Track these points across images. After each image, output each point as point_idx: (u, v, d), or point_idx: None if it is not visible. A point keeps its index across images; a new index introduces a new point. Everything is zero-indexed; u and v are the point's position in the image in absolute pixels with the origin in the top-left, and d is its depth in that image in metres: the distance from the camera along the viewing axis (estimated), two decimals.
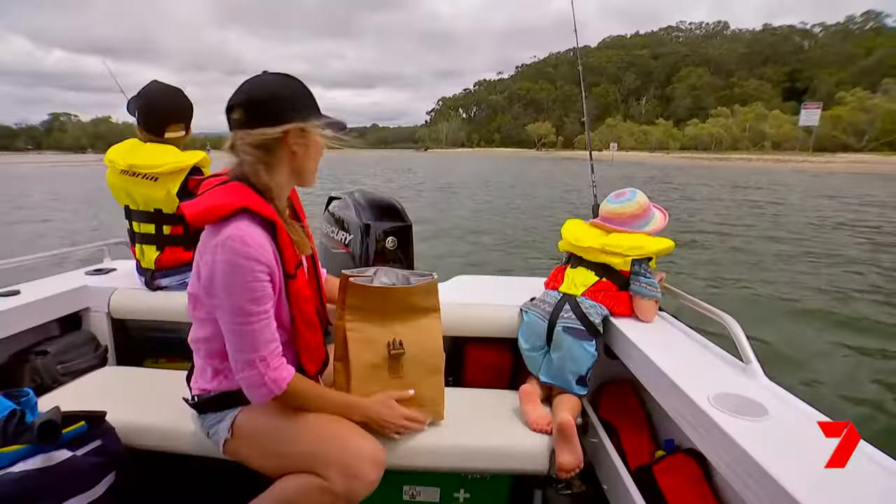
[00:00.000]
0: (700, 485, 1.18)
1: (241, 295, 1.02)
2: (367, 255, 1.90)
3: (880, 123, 54.65)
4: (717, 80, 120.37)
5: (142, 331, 1.94)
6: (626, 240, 1.56)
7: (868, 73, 77.32)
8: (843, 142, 58.21)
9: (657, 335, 1.45)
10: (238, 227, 1.02)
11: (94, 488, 1.17)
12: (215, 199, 1.05)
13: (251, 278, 1.02)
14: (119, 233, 2.07)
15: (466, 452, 1.29)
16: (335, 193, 2.23)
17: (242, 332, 1.04)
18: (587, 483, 1.63)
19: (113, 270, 2.08)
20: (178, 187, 1.70)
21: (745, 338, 1.23)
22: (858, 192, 18.83)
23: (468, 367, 1.78)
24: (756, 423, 0.96)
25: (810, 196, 17.28)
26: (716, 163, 50.34)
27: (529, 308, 1.63)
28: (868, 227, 10.39)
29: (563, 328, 1.50)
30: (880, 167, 36.64)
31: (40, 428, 1.08)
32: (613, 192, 1.69)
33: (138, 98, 1.76)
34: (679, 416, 1.15)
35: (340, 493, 1.04)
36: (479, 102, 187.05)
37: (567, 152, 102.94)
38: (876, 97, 56.39)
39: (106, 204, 13.96)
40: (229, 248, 1.00)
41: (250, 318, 1.03)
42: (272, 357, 1.06)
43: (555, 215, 11.40)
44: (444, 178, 26.75)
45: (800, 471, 0.80)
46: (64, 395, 1.53)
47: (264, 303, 1.05)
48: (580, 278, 1.61)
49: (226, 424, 1.17)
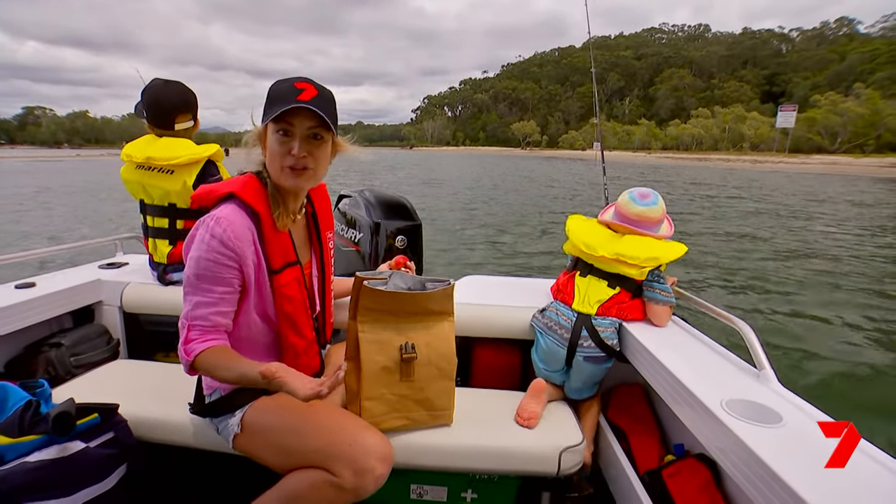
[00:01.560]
0: (710, 490, 1.16)
1: (194, 266, 1.06)
2: (376, 254, 1.91)
3: (852, 126, 56.55)
4: (698, 82, 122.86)
5: (153, 325, 1.93)
6: (642, 249, 1.49)
7: (841, 77, 79.87)
8: (817, 144, 60.04)
9: (669, 340, 1.44)
10: (221, 210, 1.07)
11: (106, 480, 1.19)
12: (215, 185, 1.15)
13: (210, 256, 1.05)
14: (93, 230, 2.19)
15: (474, 453, 1.29)
16: (345, 191, 2.27)
17: (186, 299, 1.09)
18: (595, 486, 1.64)
19: (125, 265, 2.10)
20: (193, 179, 1.72)
21: (759, 343, 1.22)
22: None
23: (477, 368, 1.77)
24: (771, 430, 0.95)
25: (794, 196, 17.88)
26: (696, 163, 51.47)
27: (544, 330, 1.58)
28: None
29: (584, 357, 1.49)
30: (851, 168, 38.00)
31: (55, 419, 1.09)
32: (636, 192, 1.59)
33: (143, 97, 1.79)
34: (691, 421, 1.14)
35: (349, 488, 1.04)
36: (464, 101, 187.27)
37: (551, 151, 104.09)
38: (848, 101, 58.28)
39: (86, 199, 13.91)
40: (205, 224, 1.06)
41: (193, 289, 1.07)
42: (193, 329, 1.08)
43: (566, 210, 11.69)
44: (435, 176, 26.81)
45: (816, 478, 0.79)
46: (77, 386, 1.55)
47: (212, 283, 1.07)
48: (594, 293, 1.56)
49: (235, 420, 1.18)
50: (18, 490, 1.03)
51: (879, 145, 53.69)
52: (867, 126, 54.67)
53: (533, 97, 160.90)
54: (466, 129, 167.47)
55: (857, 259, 7.38)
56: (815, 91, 74.22)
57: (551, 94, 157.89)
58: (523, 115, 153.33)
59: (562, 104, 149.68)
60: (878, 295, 5.56)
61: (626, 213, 1.57)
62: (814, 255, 7.57)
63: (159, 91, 1.78)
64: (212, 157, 1.76)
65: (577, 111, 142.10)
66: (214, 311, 1.09)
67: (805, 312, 4.92)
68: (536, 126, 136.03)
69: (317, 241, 1.30)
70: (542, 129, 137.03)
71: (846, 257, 7.49)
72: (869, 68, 74.82)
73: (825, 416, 1.01)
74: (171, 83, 1.80)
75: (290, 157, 1.06)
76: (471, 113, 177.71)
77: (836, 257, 7.49)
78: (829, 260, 7.31)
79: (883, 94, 55.03)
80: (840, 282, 6.11)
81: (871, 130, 54.63)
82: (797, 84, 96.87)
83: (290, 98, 1.03)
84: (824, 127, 59.47)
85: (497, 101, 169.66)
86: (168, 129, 1.79)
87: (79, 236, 8.40)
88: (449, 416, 1.32)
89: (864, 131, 55.50)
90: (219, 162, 1.80)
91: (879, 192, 20.93)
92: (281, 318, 1.17)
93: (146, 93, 1.78)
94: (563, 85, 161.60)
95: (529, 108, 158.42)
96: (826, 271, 6.62)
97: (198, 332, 1.08)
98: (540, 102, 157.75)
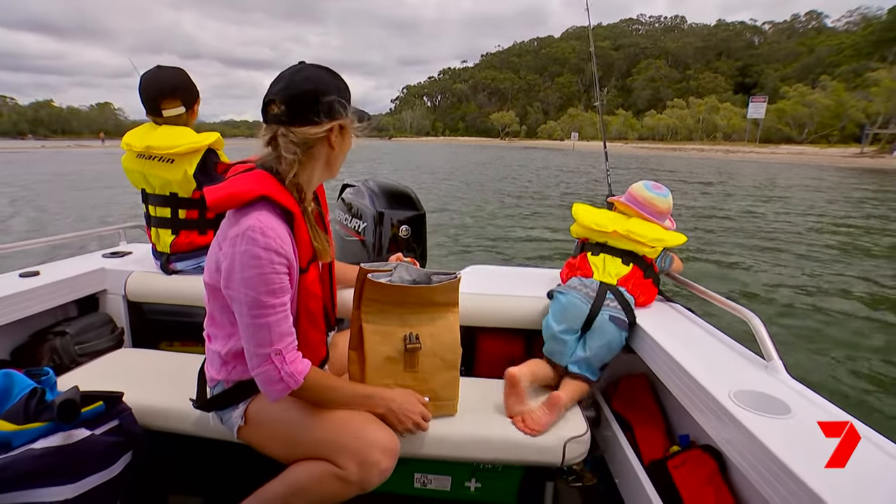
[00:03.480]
0: (716, 482, 1.16)
1: (259, 286, 0.99)
2: (380, 243, 1.90)
3: (819, 117, 58.47)
4: (674, 73, 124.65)
5: (157, 314, 1.93)
6: (648, 230, 1.57)
7: (809, 69, 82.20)
8: (786, 134, 61.92)
9: (676, 330, 1.44)
10: (258, 218, 1.00)
11: (112, 467, 1.19)
12: (237, 186, 1.04)
13: (269, 270, 1.00)
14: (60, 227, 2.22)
15: (479, 442, 1.28)
16: (349, 181, 2.25)
17: (258, 325, 1.01)
18: (599, 476, 1.63)
19: (129, 254, 2.11)
20: (194, 168, 1.69)
21: (767, 334, 1.21)
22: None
23: (480, 357, 1.77)
24: (779, 421, 0.94)
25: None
26: (671, 153, 52.55)
27: (567, 290, 1.55)
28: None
29: (610, 317, 1.46)
30: (817, 158, 39.40)
31: (60, 406, 1.10)
32: (651, 183, 1.68)
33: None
34: (698, 412, 1.13)
35: (354, 480, 1.04)
36: (443, 91, 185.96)
37: (530, 141, 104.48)
38: (815, 93, 60.15)
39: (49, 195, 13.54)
40: (249, 238, 0.99)
41: (266, 310, 1.01)
42: (288, 351, 1.04)
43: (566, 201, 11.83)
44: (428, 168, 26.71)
45: (825, 469, 0.79)
46: (82, 375, 1.55)
47: (281, 295, 1.03)
48: (611, 267, 1.58)
49: (239, 411, 1.17)
50: (24, 476, 1.04)
51: (844, 136, 55.74)
52: (833, 117, 56.65)
53: (512, 87, 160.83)
54: (446, 120, 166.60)
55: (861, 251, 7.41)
56: (785, 83, 76.28)
57: (530, 85, 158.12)
58: (502, 105, 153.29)
59: (541, 94, 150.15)
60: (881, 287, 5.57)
61: (637, 195, 1.67)
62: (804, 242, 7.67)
63: (149, 75, 1.74)
64: (212, 146, 1.73)
65: (556, 101, 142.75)
66: (290, 322, 1.06)
67: (812, 302, 4.92)
68: (515, 116, 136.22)
69: (322, 229, 1.29)
70: (521, 120, 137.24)
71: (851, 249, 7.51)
72: (835, 61, 77.23)
73: (835, 408, 1.00)
74: (164, 68, 1.76)
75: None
76: (450, 103, 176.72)
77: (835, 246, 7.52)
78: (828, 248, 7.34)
79: (847, 87, 56.97)
80: (847, 271, 6.18)
81: (836, 121, 56.62)
82: (769, 76, 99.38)
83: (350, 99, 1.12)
84: (793, 118, 61.34)
85: (476, 91, 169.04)
86: (157, 115, 1.75)
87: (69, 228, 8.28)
88: (453, 407, 1.32)
89: (829, 122, 57.49)
90: (219, 150, 1.76)
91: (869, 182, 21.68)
92: (303, 314, 1.14)
93: (140, 81, 1.76)
94: (541, 75, 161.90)
95: (509, 98, 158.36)
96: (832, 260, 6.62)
97: (293, 351, 1.06)
98: (519, 93, 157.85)
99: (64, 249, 2.42)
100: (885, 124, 46.76)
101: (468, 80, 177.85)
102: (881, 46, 64.04)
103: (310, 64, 1.09)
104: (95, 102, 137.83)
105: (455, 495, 1.44)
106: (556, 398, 1.33)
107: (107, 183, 15.37)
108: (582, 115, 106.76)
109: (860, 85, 53.41)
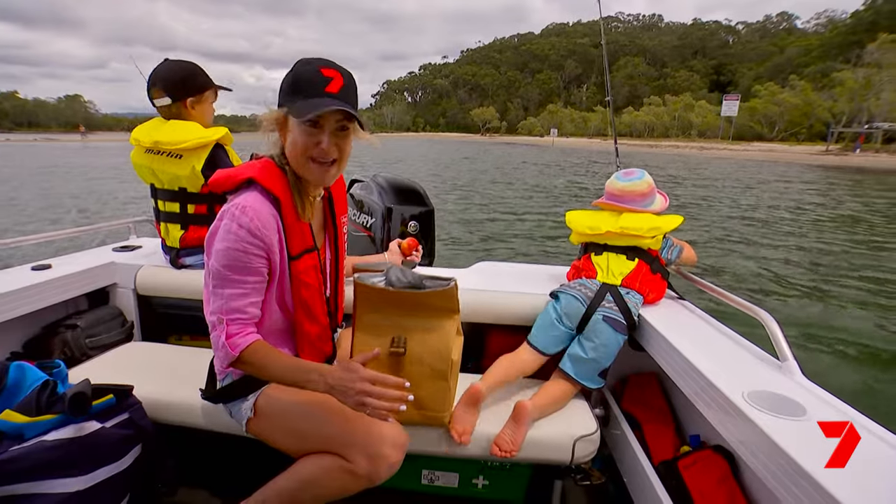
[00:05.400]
0: (728, 483, 1.15)
1: (224, 259, 1.03)
2: (388, 239, 1.90)
3: (788, 116, 60.45)
4: (651, 71, 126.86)
5: (166, 308, 1.94)
6: (640, 221, 1.55)
7: (780, 69, 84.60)
8: (757, 132, 63.82)
9: (687, 328, 1.42)
10: (245, 198, 1.05)
11: (122, 460, 1.20)
12: (235, 170, 1.11)
13: (238, 247, 1.03)
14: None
15: (487, 440, 1.26)
16: (357, 176, 2.29)
17: (216, 294, 1.06)
18: (607, 475, 1.62)
19: (139, 248, 2.12)
20: (202, 163, 1.68)
21: (781, 334, 1.19)
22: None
23: (489, 354, 1.75)
24: (794, 423, 0.93)
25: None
26: (647, 149, 53.65)
27: (565, 289, 1.55)
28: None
29: (603, 317, 1.44)
30: (786, 155, 40.83)
31: (72, 399, 1.11)
32: (621, 172, 1.67)
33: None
34: (710, 412, 1.12)
35: (363, 474, 1.05)
36: (424, 86, 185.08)
37: (510, 137, 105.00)
38: (784, 92, 62.13)
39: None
40: (230, 214, 1.04)
41: (225, 282, 1.05)
42: (232, 324, 1.06)
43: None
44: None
45: (842, 471, 0.77)
46: (92, 367, 1.57)
47: (244, 273, 1.05)
48: (615, 265, 1.56)
49: (248, 404, 1.18)
50: (37, 468, 1.05)
51: (811, 134, 57.78)
52: (801, 116, 58.55)
53: (492, 83, 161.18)
54: (426, 115, 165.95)
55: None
56: (757, 82, 78.46)
57: (510, 81, 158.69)
58: (483, 101, 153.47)
59: (521, 90, 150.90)
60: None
61: (613, 190, 1.64)
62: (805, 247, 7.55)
63: (155, 67, 1.76)
64: (220, 141, 1.73)
65: (536, 98, 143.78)
66: (249, 301, 1.08)
67: (827, 301, 4.88)
68: (496, 112, 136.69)
69: (331, 226, 1.30)
70: (502, 116, 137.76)
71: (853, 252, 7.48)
72: (804, 62, 79.71)
73: (850, 409, 0.99)
74: (169, 61, 1.76)
75: (318, 149, 1.06)
76: (431, 98, 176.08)
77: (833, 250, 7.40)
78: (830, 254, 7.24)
79: (814, 87, 58.91)
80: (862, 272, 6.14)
81: (804, 120, 58.57)
82: (742, 74, 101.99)
83: (319, 89, 1.02)
84: (764, 116, 63.22)
85: (457, 87, 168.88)
86: (153, 105, 1.77)
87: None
88: (442, 419, 1.25)
89: (798, 121, 59.45)
90: (228, 146, 1.77)
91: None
92: (297, 305, 1.16)
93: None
94: (522, 71, 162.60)
95: (489, 94, 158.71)
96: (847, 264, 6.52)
97: (238, 325, 1.07)
98: (500, 88, 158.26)
99: (73, 245, 2.47)
100: (848, 123, 48.69)
101: (449, 76, 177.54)
102: (845, 49, 66.43)
103: (302, 59, 1.09)
104: (64, 94, 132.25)
105: (462, 492, 1.44)
106: (519, 410, 1.27)
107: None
108: (561, 112, 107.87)
109: (826, 85, 55.35)
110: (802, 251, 7.29)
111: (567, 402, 1.41)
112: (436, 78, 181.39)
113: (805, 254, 7.12)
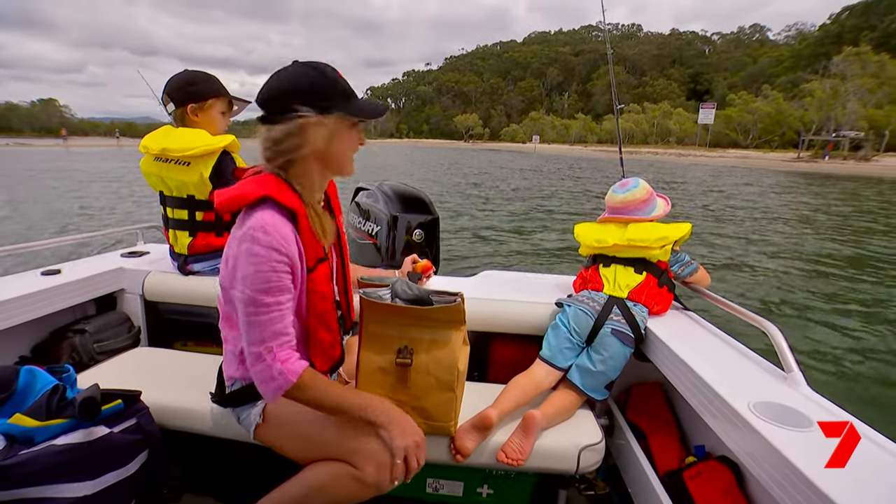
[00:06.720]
0: (734, 494, 1.14)
1: (255, 284, 0.99)
2: (393, 247, 1.90)
3: (761, 124, 62.54)
4: (631, 79, 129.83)
5: (173, 313, 1.94)
6: (647, 231, 1.53)
7: (753, 78, 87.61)
8: (733, 139, 65.83)
9: (692, 339, 1.41)
10: (261, 217, 1.01)
11: (129, 465, 1.20)
12: (242, 188, 1.06)
13: (267, 268, 1.00)
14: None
15: (492, 449, 1.26)
16: (362, 184, 2.27)
17: (252, 322, 1.01)
18: (613, 486, 1.61)
19: (146, 254, 2.13)
20: (210, 171, 1.69)
21: (787, 346, 1.19)
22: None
23: (493, 363, 1.74)
24: (800, 433, 0.93)
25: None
26: (627, 156, 54.49)
27: (573, 301, 1.55)
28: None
29: (612, 330, 1.44)
30: (760, 162, 42.22)
31: (82, 404, 1.11)
32: (617, 184, 1.67)
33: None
34: (716, 423, 1.11)
35: (371, 482, 1.04)
36: (408, 93, 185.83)
37: (493, 144, 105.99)
38: (758, 101, 64.26)
39: None
40: (250, 237, 0.99)
41: (260, 308, 1.00)
42: (281, 349, 1.02)
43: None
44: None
45: (849, 483, 0.78)
46: (100, 372, 1.56)
47: (278, 294, 1.02)
48: (622, 278, 1.56)
49: (257, 410, 1.17)
50: (47, 472, 1.05)
51: (784, 141, 59.86)
52: (773, 124, 60.62)
53: (476, 90, 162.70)
54: (410, 122, 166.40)
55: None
56: (732, 91, 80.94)
57: (493, 88, 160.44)
58: (466, 107, 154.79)
59: (503, 97, 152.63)
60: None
61: (612, 203, 1.65)
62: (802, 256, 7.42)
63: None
64: (227, 148, 1.73)
65: (519, 105, 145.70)
66: (288, 322, 1.05)
67: (827, 311, 4.82)
68: (479, 119, 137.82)
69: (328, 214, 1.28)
70: (485, 122, 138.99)
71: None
72: (776, 72, 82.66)
73: (855, 420, 0.99)
74: (185, 71, 1.81)
75: (357, 146, 1.14)
76: (414, 105, 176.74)
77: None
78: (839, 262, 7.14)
79: (785, 96, 61.08)
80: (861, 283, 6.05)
81: (776, 128, 60.65)
82: (718, 83, 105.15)
83: (353, 94, 1.08)
84: (739, 124, 65.25)
85: (441, 94, 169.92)
86: (165, 111, 1.82)
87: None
88: (448, 429, 1.24)
89: (771, 129, 61.55)
90: (235, 153, 1.77)
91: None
92: (312, 315, 1.14)
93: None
94: (504, 79, 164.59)
95: (472, 100, 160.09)
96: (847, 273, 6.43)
97: (287, 350, 1.04)
98: (483, 95, 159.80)
99: (82, 248, 2.51)
100: (818, 131, 50.53)
101: (432, 83, 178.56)
102: (813, 60, 69.24)
103: (302, 62, 1.07)
104: (38, 98, 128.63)
105: (467, 501, 1.43)
106: (529, 420, 1.27)
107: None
108: (543, 119, 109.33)
109: (797, 95, 57.42)
110: (803, 261, 7.18)
111: (573, 413, 1.41)
112: (419, 85, 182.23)
113: (806, 263, 7.03)
